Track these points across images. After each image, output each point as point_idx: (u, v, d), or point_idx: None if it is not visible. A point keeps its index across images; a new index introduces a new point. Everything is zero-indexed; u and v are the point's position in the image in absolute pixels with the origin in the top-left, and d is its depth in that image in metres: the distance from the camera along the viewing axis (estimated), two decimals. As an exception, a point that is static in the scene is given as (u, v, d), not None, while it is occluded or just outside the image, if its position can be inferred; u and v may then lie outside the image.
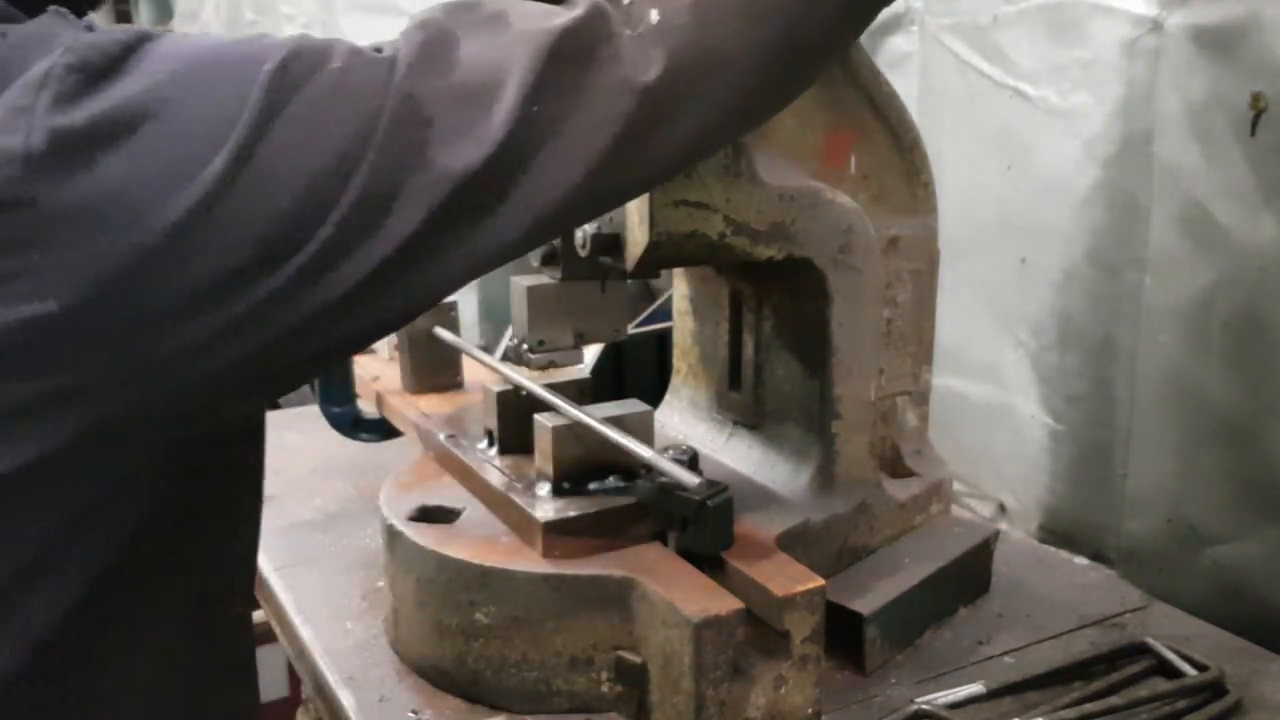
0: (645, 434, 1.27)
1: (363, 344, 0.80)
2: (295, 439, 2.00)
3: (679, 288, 1.54)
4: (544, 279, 1.28)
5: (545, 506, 1.20)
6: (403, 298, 0.75)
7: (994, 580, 1.45)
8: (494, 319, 2.92)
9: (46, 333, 0.65)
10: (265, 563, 1.52)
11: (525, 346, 1.29)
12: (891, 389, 1.44)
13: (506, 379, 1.38)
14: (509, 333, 1.41)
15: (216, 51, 0.71)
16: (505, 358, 1.43)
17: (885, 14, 1.83)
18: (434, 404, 1.58)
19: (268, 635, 1.50)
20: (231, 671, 0.97)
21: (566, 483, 1.23)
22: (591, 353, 1.20)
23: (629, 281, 1.29)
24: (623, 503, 1.21)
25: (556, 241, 1.23)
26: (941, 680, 1.24)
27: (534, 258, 1.26)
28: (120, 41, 0.68)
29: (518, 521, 1.22)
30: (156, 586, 0.81)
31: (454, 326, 1.67)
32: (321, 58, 0.72)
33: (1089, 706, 1.17)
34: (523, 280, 1.30)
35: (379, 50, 0.76)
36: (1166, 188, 1.45)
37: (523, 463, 1.32)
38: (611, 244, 1.13)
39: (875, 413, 1.36)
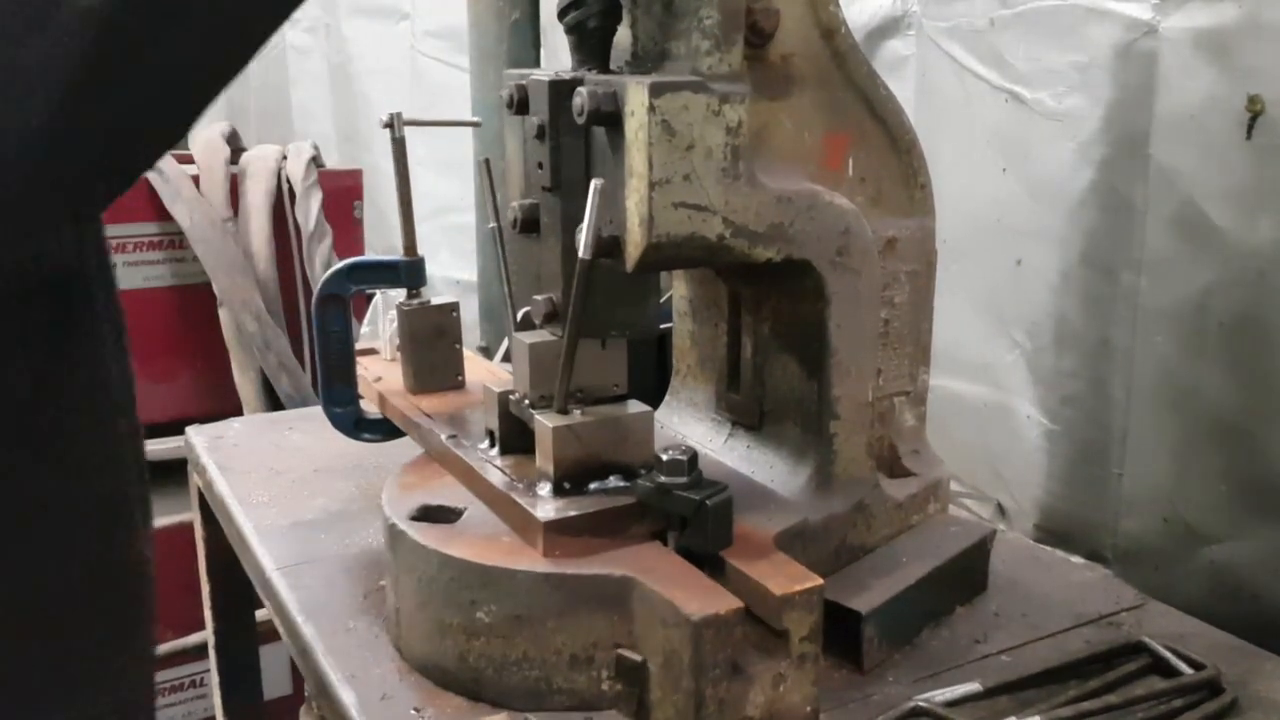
0: (645, 434, 1.28)
1: None
2: (298, 439, 2.02)
3: (679, 289, 1.55)
4: (546, 336, 1.29)
5: (546, 506, 1.21)
6: None
7: (991, 579, 1.46)
8: (494, 319, 2.93)
9: None
10: (268, 562, 1.53)
11: (527, 402, 1.31)
12: (889, 389, 1.45)
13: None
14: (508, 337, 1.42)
15: None
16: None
17: (883, 17, 1.86)
18: (435, 404, 1.59)
19: (271, 634, 1.51)
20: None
21: (567, 482, 1.24)
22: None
23: (629, 337, 1.30)
24: (623, 502, 1.21)
25: (558, 300, 1.24)
26: (939, 678, 1.24)
27: (537, 316, 1.27)
28: None
29: (519, 521, 1.23)
30: None
31: (454, 327, 1.68)
32: None
33: (1085, 705, 1.17)
34: (525, 337, 1.31)
35: None
36: (1162, 190, 1.46)
37: (524, 463, 1.32)
38: (612, 246, 1.14)
39: (873, 413, 1.37)
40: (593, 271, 1.17)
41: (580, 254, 1.14)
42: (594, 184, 1.13)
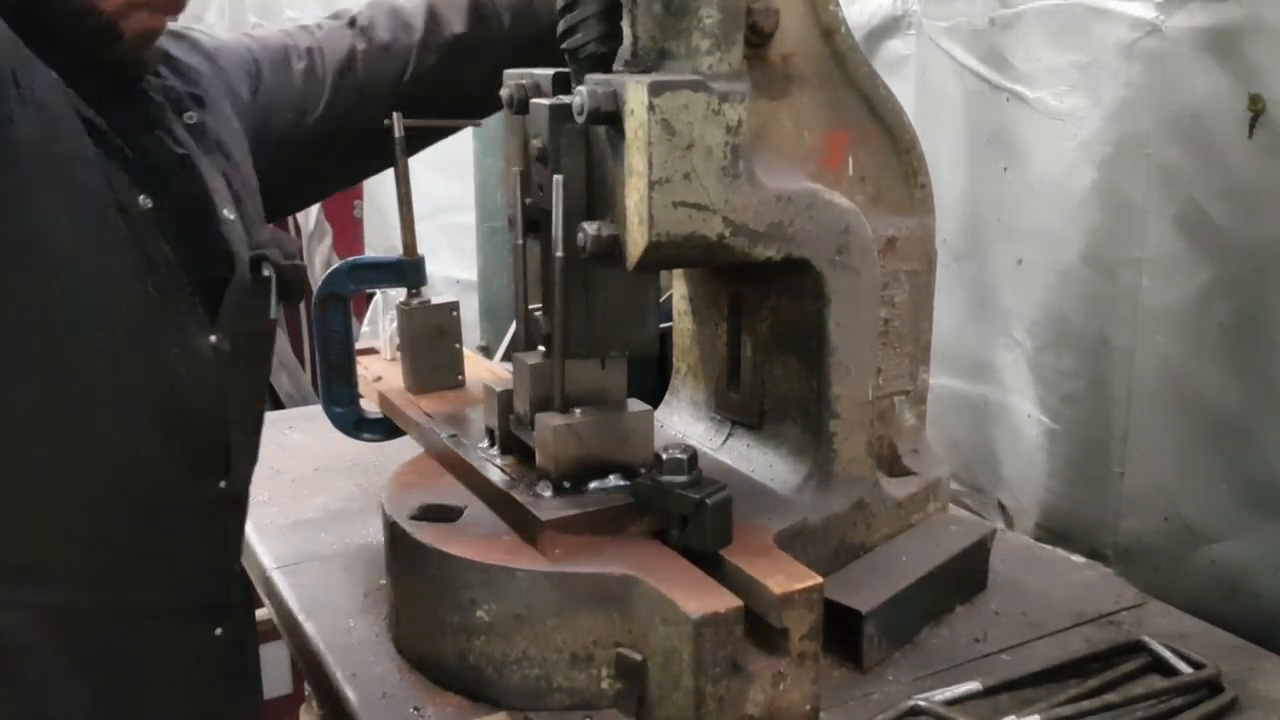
0: (645, 433, 1.28)
1: None
2: (298, 438, 2.02)
3: (678, 289, 1.55)
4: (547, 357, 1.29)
5: (546, 505, 1.21)
6: None
7: (991, 578, 1.46)
8: (494, 319, 2.93)
9: None
10: (268, 560, 1.53)
11: (528, 422, 1.31)
12: (889, 388, 1.45)
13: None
14: (510, 332, 1.42)
15: None
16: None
17: (883, 17, 1.86)
18: (436, 403, 1.59)
19: (271, 633, 1.51)
20: None
21: (567, 481, 1.24)
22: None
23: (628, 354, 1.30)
24: (623, 501, 1.22)
25: None
26: (939, 677, 1.24)
27: (537, 335, 1.28)
28: None
29: (519, 520, 1.23)
30: None
31: (454, 327, 1.68)
32: None
33: (1085, 704, 1.17)
34: (526, 358, 1.31)
35: None
36: (1163, 189, 1.46)
37: (524, 462, 1.33)
38: (611, 246, 1.14)
39: (873, 412, 1.37)
40: (570, 269, 1.17)
41: (555, 252, 1.15)
42: (556, 180, 1.13)
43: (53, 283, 0.98)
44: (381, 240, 3.63)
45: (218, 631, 1.16)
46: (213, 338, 1.10)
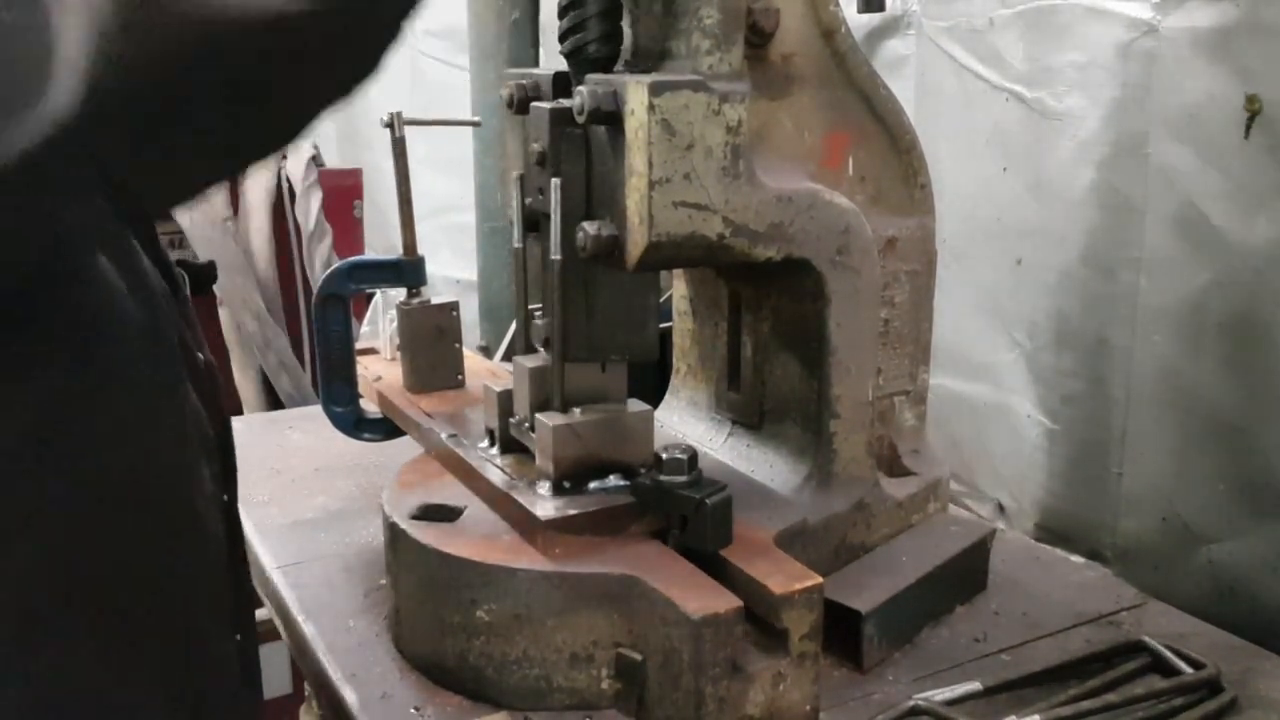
0: (645, 433, 1.28)
1: None
2: (298, 438, 2.02)
3: (679, 289, 1.55)
4: (547, 360, 1.29)
5: (546, 505, 1.21)
6: None
7: (991, 578, 1.46)
8: (494, 319, 2.93)
9: None
10: (268, 561, 1.53)
11: (527, 425, 1.31)
12: (889, 389, 1.45)
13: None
14: (510, 331, 1.42)
15: None
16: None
17: (883, 17, 1.86)
18: (436, 403, 1.59)
19: (270, 633, 1.51)
20: None
21: (567, 481, 1.24)
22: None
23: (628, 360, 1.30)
24: (623, 501, 1.22)
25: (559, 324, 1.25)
26: (939, 678, 1.24)
27: (538, 339, 1.28)
28: None
29: (519, 520, 1.23)
30: None
31: (454, 327, 1.69)
32: None
33: (1085, 704, 1.18)
34: (526, 361, 1.32)
35: None
36: (1161, 189, 1.46)
37: (524, 461, 1.33)
38: (611, 246, 1.14)
39: (873, 412, 1.37)
40: (569, 272, 1.17)
41: (553, 255, 1.15)
42: (554, 183, 1.14)
43: (120, 324, 0.97)
44: (381, 240, 3.63)
45: (237, 637, 1.16)
46: (199, 354, 1.10)
